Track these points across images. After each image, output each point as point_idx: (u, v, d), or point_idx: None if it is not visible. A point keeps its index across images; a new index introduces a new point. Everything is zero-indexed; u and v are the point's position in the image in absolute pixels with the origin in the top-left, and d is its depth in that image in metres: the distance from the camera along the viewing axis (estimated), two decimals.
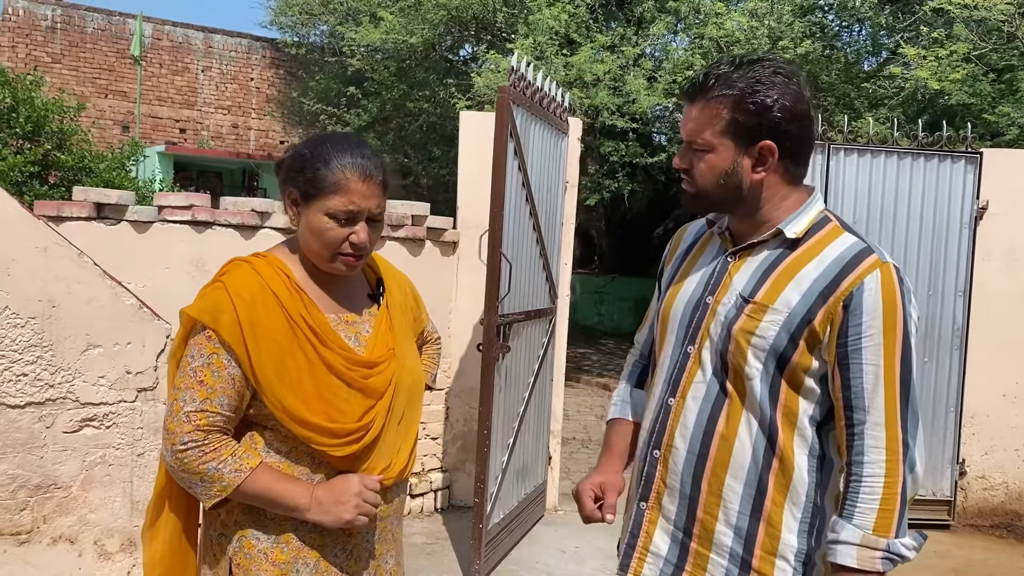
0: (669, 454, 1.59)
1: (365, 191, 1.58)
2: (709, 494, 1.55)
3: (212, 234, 4.17)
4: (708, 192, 1.56)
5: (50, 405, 2.77)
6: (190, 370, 1.54)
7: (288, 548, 1.58)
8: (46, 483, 2.78)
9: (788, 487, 1.52)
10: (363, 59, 10.27)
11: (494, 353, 3.81)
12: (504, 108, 3.71)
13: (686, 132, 1.57)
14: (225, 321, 1.53)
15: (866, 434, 1.46)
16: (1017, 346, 5.07)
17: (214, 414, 1.53)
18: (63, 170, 9.97)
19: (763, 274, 1.54)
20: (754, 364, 1.51)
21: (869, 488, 1.45)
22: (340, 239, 1.59)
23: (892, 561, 1.43)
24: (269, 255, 1.66)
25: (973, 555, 4.68)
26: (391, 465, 1.65)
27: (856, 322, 1.45)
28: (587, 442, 7.05)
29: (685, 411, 1.58)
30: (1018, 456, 5.14)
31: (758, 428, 1.52)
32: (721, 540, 1.54)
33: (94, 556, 2.88)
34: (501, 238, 3.77)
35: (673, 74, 8.40)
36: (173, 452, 1.53)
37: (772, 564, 1.52)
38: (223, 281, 1.58)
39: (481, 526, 3.83)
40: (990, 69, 7.18)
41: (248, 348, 1.53)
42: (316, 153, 1.60)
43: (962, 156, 5.05)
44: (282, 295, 1.58)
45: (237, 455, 1.53)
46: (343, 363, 1.59)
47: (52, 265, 2.73)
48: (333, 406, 1.57)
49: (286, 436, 1.58)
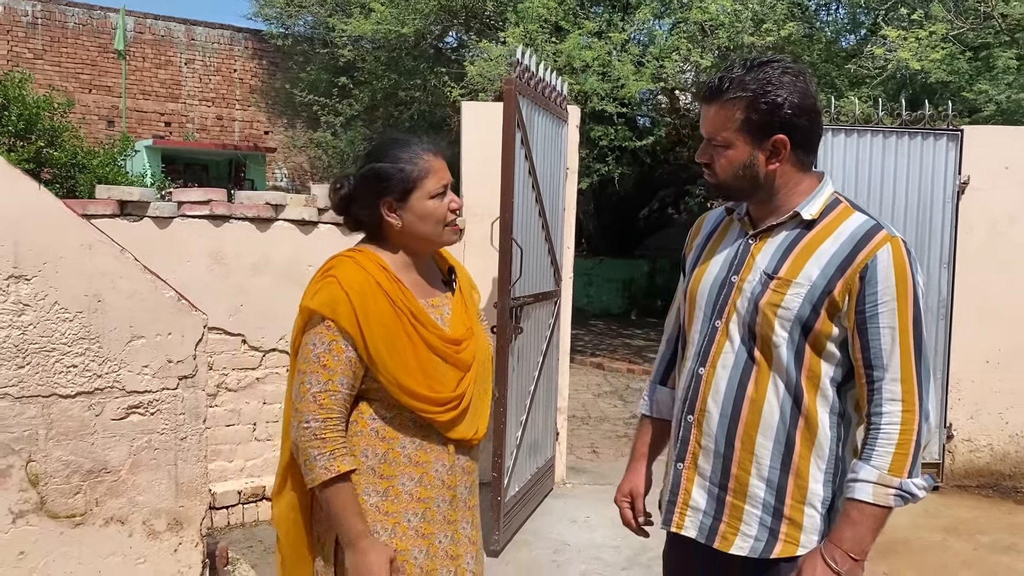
0: (703, 418, 1.77)
1: (443, 165, 1.86)
2: (742, 452, 1.73)
3: (229, 227, 4.32)
4: (728, 183, 1.75)
5: (99, 394, 2.92)
6: (313, 356, 1.76)
7: (398, 500, 1.81)
8: (97, 468, 2.94)
9: (813, 442, 1.70)
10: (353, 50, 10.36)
11: (508, 335, 3.99)
12: (511, 100, 3.87)
13: (706, 131, 1.74)
14: (342, 311, 1.74)
15: (884, 389, 1.64)
16: (998, 314, 5.31)
17: (335, 393, 1.75)
18: (56, 167, 10.04)
19: (784, 252, 1.72)
20: (781, 333, 1.69)
21: (886, 435, 1.63)
22: (445, 211, 1.83)
23: (903, 498, 1.62)
24: (365, 250, 1.87)
25: (961, 514, 4.93)
26: (478, 428, 1.90)
27: (872, 291, 1.64)
28: (586, 419, 7.26)
29: (716, 379, 1.76)
30: (1001, 419, 5.40)
31: (785, 390, 1.70)
32: (755, 492, 1.73)
33: (143, 535, 3.05)
34: (512, 225, 3.94)
35: (659, 59, 8.57)
36: (298, 428, 1.75)
37: (801, 511, 1.71)
38: (335, 275, 1.79)
39: (499, 499, 4.03)
40: (967, 48, 7.39)
41: (363, 333, 1.75)
42: (392, 161, 1.82)
43: (944, 133, 5.26)
44: (385, 285, 1.80)
45: (334, 454, 1.73)
46: (439, 341, 1.82)
47: (97, 261, 2.88)
48: (434, 379, 1.80)
49: (391, 405, 1.81)
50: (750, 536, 1.74)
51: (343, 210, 1.91)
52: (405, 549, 1.80)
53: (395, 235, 1.86)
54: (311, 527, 1.87)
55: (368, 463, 1.80)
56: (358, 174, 1.87)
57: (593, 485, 5.26)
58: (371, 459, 1.81)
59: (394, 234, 1.86)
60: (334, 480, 1.72)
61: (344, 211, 1.92)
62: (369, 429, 1.82)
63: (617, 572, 3.97)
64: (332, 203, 1.93)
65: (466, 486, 1.92)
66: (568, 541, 4.30)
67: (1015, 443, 5.41)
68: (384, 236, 1.88)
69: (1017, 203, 5.29)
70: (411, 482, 1.82)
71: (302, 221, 4.48)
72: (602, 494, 5.07)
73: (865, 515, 1.63)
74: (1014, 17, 6.86)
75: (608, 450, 6.21)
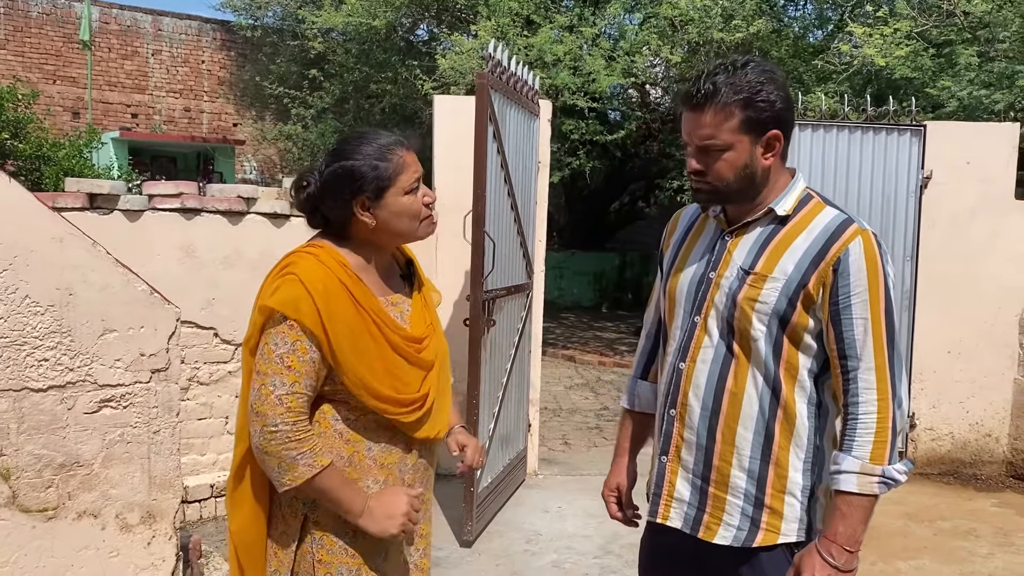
0: (685, 412, 1.81)
1: (414, 159, 1.82)
2: (723, 444, 1.77)
3: (200, 221, 4.31)
4: (729, 186, 1.75)
5: (71, 388, 2.91)
6: (276, 357, 1.69)
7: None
8: (69, 461, 2.93)
9: (792, 432, 1.75)
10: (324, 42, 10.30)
11: (481, 327, 4.03)
12: (484, 94, 3.90)
13: (700, 137, 1.72)
14: (305, 310, 1.68)
15: (859, 378, 1.68)
16: (960, 306, 5.44)
17: (300, 395, 1.69)
18: (21, 159, 9.89)
19: (760, 248, 1.76)
20: (759, 327, 1.73)
21: (864, 424, 1.67)
22: (420, 206, 1.80)
23: (887, 484, 1.67)
24: (324, 246, 1.80)
25: (923, 500, 5.06)
26: (441, 427, 1.88)
27: (845, 283, 1.68)
28: (558, 411, 7.32)
29: (696, 373, 1.80)
30: (962, 408, 5.53)
31: (763, 383, 1.75)
32: (736, 483, 1.77)
33: (116, 529, 3.04)
34: (484, 218, 3.97)
35: (630, 54, 8.62)
36: (263, 432, 1.68)
37: (782, 500, 1.76)
38: (295, 273, 1.72)
39: (473, 490, 4.07)
40: (930, 44, 7.53)
41: (328, 334, 1.69)
42: (362, 158, 1.77)
43: (907, 129, 5.37)
44: (347, 282, 1.75)
45: (315, 451, 1.69)
46: (401, 341, 1.79)
47: (68, 255, 2.87)
48: (398, 379, 1.77)
49: (354, 407, 1.77)
50: (732, 526, 1.78)
51: (309, 209, 1.83)
52: (365, 553, 1.78)
53: (364, 232, 1.81)
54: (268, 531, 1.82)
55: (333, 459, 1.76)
56: (327, 172, 1.79)
57: (565, 476, 5.31)
58: (337, 461, 1.76)
59: (363, 231, 1.81)
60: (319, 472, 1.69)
61: (310, 210, 1.83)
62: (333, 431, 1.77)
63: (589, 560, 4.02)
64: (296, 201, 1.85)
65: (423, 483, 1.90)
66: (540, 531, 4.35)
67: (975, 431, 5.55)
68: (350, 234, 1.83)
69: (977, 198, 5.42)
70: (376, 485, 1.79)
71: (274, 214, 4.48)
72: (574, 484, 5.13)
73: (853, 507, 1.66)
74: (975, 15, 7.01)
75: (579, 442, 6.27)
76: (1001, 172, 5.42)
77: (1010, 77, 6.67)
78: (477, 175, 3.95)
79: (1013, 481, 5.45)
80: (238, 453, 1.80)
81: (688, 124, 1.74)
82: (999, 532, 4.59)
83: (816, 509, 1.78)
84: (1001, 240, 5.44)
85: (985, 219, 5.43)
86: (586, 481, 5.15)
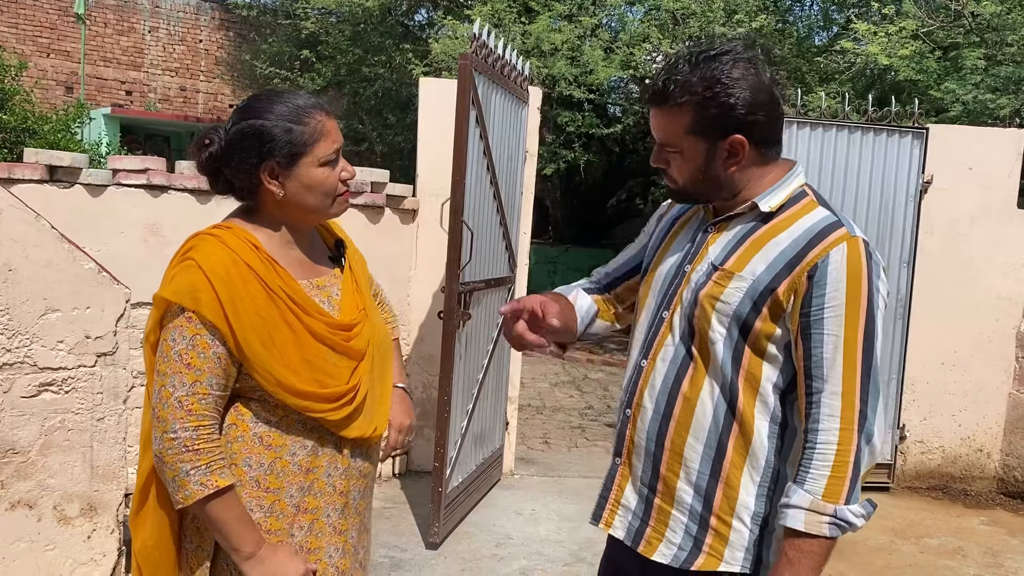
0: (638, 413, 1.65)
1: (335, 127, 1.63)
2: (671, 452, 1.61)
3: (168, 199, 4.12)
4: (687, 188, 1.61)
5: (7, 369, 2.74)
6: (174, 354, 1.50)
7: (284, 515, 1.60)
8: (3, 448, 2.76)
9: (747, 450, 1.57)
10: (317, 22, 10.09)
11: (455, 321, 3.85)
12: (466, 75, 3.71)
13: (656, 136, 1.60)
14: (204, 300, 1.50)
15: (823, 403, 1.49)
16: (955, 316, 5.27)
17: (205, 396, 1.51)
18: (4, 131, 9.70)
19: (735, 244, 1.60)
20: (718, 328, 1.56)
21: (821, 455, 1.48)
22: (336, 181, 1.62)
23: (840, 527, 1.47)
24: (233, 226, 1.61)
25: (910, 515, 4.90)
26: (377, 424, 1.68)
27: (820, 293, 1.48)
28: (541, 408, 7.15)
29: (654, 372, 1.64)
30: (954, 421, 5.37)
31: (719, 391, 1.57)
32: (682, 497, 1.61)
33: (53, 521, 2.87)
34: (463, 206, 3.79)
35: (630, 46, 8.44)
36: (162, 439, 1.50)
37: (728, 524, 1.58)
38: (193, 258, 1.53)
39: (440, 489, 3.90)
40: (936, 46, 7.35)
41: (232, 325, 1.50)
42: (274, 118, 1.56)
43: (909, 131, 5.19)
44: (256, 267, 1.55)
45: (211, 467, 1.50)
46: (324, 328, 1.59)
47: (8, 228, 2.69)
48: (323, 371, 1.58)
49: (274, 406, 1.58)
50: (674, 544, 1.62)
51: (211, 170, 1.62)
52: None
53: (273, 205, 1.61)
54: (180, 549, 1.63)
55: (251, 474, 1.57)
56: (233, 130, 1.58)
57: (542, 477, 5.14)
58: (255, 470, 1.57)
59: (272, 204, 1.61)
60: (213, 495, 1.49)
61: (212, 172, 1.62)
62: (251, 435, 1.57)
63: (559, 568, 3.86)
64: (196, 161, 1.63)
65: (359, 490, 1.70)
66: (511, 535, 4.18)
67: (966, 446, 5.38)
68: (258, 206, 1.63)
69: (978, 205, 5.25)
70: (300, 492, 1.60)
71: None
72: (550, 486, 4.96)
73: (802, 552, 1.47)
74: (984, 16, 6.82)
75: (560, 441, 6.10)
76: (1004, 179, 5.24)
77: (1017, 82, 6.50)
78: (456, 161, 3.77)
79: (1004, 499, 5.29)
80: (144, 465, 1.60)
81: (651, 119, 1.62)
82: (987, 552, 4.43)
83: (771, 542, 1.58)
84: (1001, 249, 5.27)
85: (985, 227, 5.27)
86: (563, 483, 4.99)
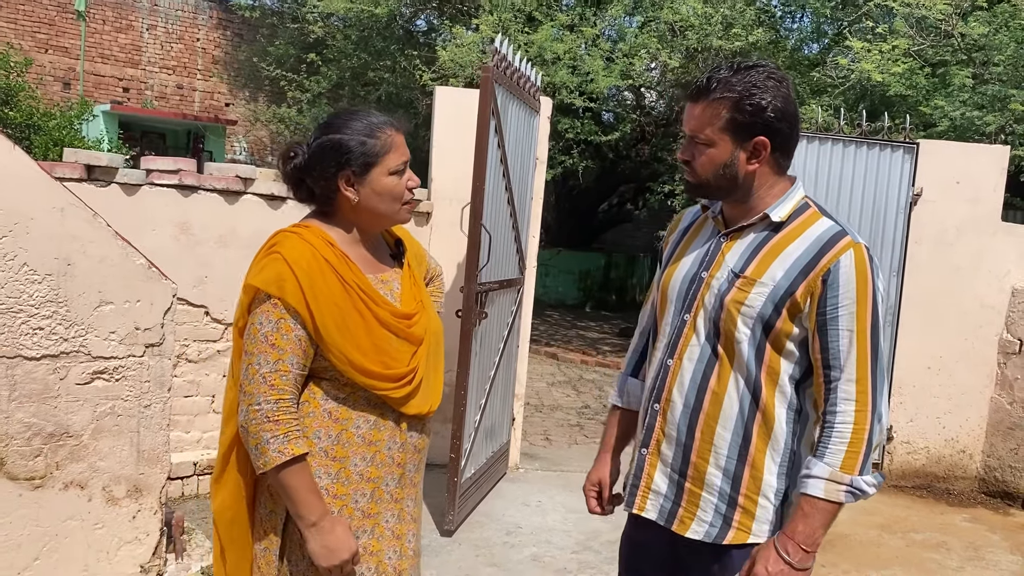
0: (668, 407, 1.85)
1: (403, 141, 1.84)
2: (702, 441, 1.81)
3: (197, 198, 4.30)
4: (708, 181, 1.81)
5: (64, 358, 2.91)
6: (261, 336, 1.71)
7: (349, 482, 1.80)
8: (59, 431, 2.93)
9: (769, 435, 1.79)
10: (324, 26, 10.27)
11: (473, 319, 4.05)
12: (488, 87, 3.92)
13: (690, 128, 1.79)
14: (289, 289, 1.70)
15: (840, 389, 1.72)
16: (942, 323, 5.52)
17: (286, 373, 1.71)
18: (11, 127, 9.80)
19: (752, 252, 1.80)
20: (743, 330, 1.76)
21: (839, 433, 1.71)
22: (403, 189, 1.83)
23: (854, 495, 1.70)
24: (311, 225, 1.83)
25: (896, 512, 5.14)
26: (432, 403, 1.90)
27: (833, 294, 1.71)
28: (540, 407, 7.36)
29: (682, 371, 1.84)
30: (939, 423, 5.62)
31: (744, 385, 1.78)
32: (712, 480, 1.81)
33: (102, 501, 3.05)
34: (482, 211, 3.99)
35: (629, 56, 8.66)
36: (248, 410, 1.70)
37: (755, 501, 1.80)
38: (279, 252, 1.74)
39: (456, 480, 4.10)
40: (926, 63, 7.62)
41: (312, 311, 1.71)
42: (351, 133, 1.79)
43: (900, 145, 5.44)
44: (333, 261, 1.76)
45: (289, 436, 1.69)
46: (390, 316, 1.81)
47: (68, 225, 2.87)
48: (387, 354, 1.79)
49: (344, 384, 1.78)
50: (705, 522, 1.82)
51: (295, 181, 1.84)
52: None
53: (348, 210, 1.83)
54: (254, 512, 1.83)
55: (320, 445, 1.77)
56: (315, 144, 1.81)
57: (546, 471, 5.35)
58: (324, 440, 1.77)
59: (347, 209, 1.83)
60: (288, 462, 1.68)
61: (296, 182, 1.85)
62: (322, 410, 1.78)
63: (567, 555, 4.06)
64: (283, 172, 1.85)
65: (415, 464, 1.91)
66: (520, 524, 4.39)
67: (950, 447, 5.64)
68: (334, 211, 1.85)
69: (964, 217, 5.50)
70: (363, 462, 1.80)
71: (271, 196, 4.48)
72: (554, 480, 5.17)
73: (817, 509, 1.70)
74: (972, 37, 7.10)
75: (560, 438, 6.32)
76: (989, 193, 5.50)
77: (1003, 100, 6.77)
78: (477, 168, 3.97)
79: (984, 498, 5.55)
80: (227, 434, 1.82)
81: (685, 113, 1.81)
82: (969, 547, 4.67)
83: (789, 513, 1.80)
84: (986, 260, 5.52)
85: (971, 238, 5.52)
86: (567, 477, 5.19)
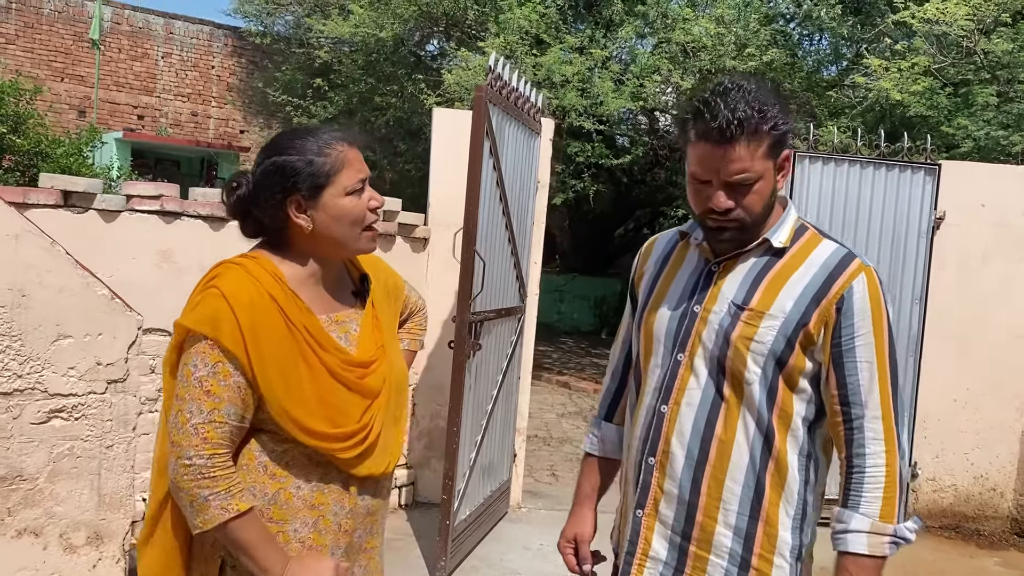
0: (666, 460, 1.63)
1: (358, 156, 1.62)
2: (709, 497, 1.59)
3: (181, 225, 4.12)
4: (757, 218, 1.58)
5: (18, 395, 2.72)
6: (195, 380, 1.49)
7: (288, 548, 1.56)
8: (11, 475, 2.74)
9: (783, 486, 1.59)
10: (331, 51, 10.19)
11: (466, 351, 3.83)
12: (481, 107, 3.73)
13: (731, 172, 1.52)
14: (226, 330, 1.48)
15: (866, 427, 1.54)
16: (968, 353, 5.24)
17: (222, 424, 1.49)
18: (18, 154, 9.76)
19: (754, 282, 1.59)
20: (754, 369, 1.56)
21: (872, 478, 1.53)
22: (364, 210, 1.60)
23: (898, 544, 1.53)
24: (259, 256, 1.60)
25: (921, 555, 4.82)
26: (389, 462, 1.66)
27: (848, 323, 1.54)
28: (548, 440, 7.10)
29: (680, 417, 1.61)
30: (967, 460, 5.31)
31: (755, 430, 1.58)
32: (721, 541, 1.59)
33: (59, 549, 2.84)
34: (475, 236, 3.79)
35: (640, 78, 8.48)
36: (177, 466, 1.48)
37: (770, 562, 1.58)
38: (218, 286, 1.52)
39: (448, 523, 3.85)
40: (948, 83, 7.38)
41: (250, 355, 1.49)
42: (296, 152, 1.57)
43: (921, 167, 5.19)
44: (279, 299, 1.54)
45: (231, 492, 1.48)
46: (339, 365, 1.57)
47: (23, 253, 2.69)
48: (335, 408, 1.56)
49: (282, 438, 1.56)
50: None
51: (241, 213, 1.62)
52: None
53: (303, 240, 1.60)
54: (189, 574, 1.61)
55: (255, 503, 1.54)
56: (258, 170, 1.58)
57: (550, 510, 5.09)
58: (259, 499, 1.54)
59: (302, 239, 1.60)
60: (235, 517, 1.48)
61: (242, 214, 1.62)
62: (257, 464, 1.55)
63: None
64: (227, 205, 1.62)
65: (366, 528, 1.67)
66: (519, 570, 4.13)
67: (979, 485, 5.32)
68: (287, 242, 1.61)
69: (990, 242, 5.23)
70: (304, 528, 1.57)
71: None
72: (559, 520, 4.86)
73: (862, 568, 1.54)
74: (995, 54, 6.85)
75: (568, 473, 6.05)
76: (1017, 216, 5.23)
77: None
78: (470, 191, 3.77)
79: (1017, 539, 5.22)
80: (160, 490, 1.58)
81: (712, 159, 1.53)
82: None
83: (802, 572, 1.62)
84: (1014, 286, 5.24)
85: (998, 264, 5.24)
86: None
